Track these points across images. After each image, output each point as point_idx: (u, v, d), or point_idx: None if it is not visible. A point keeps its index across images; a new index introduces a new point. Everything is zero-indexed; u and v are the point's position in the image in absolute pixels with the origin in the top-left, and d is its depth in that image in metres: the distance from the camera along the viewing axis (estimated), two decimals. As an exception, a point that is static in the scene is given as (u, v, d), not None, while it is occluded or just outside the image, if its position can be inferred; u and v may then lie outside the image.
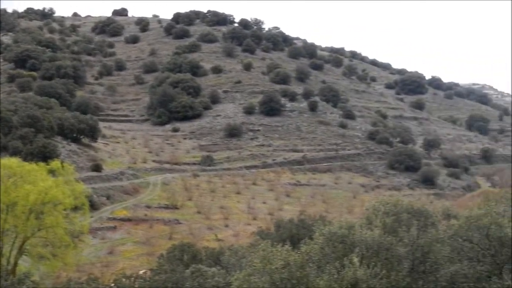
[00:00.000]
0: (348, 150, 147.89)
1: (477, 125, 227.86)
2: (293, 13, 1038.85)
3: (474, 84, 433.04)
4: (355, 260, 19.44)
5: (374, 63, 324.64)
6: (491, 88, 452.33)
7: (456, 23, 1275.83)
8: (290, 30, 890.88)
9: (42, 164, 52.22)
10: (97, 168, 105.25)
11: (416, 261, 21.38)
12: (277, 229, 46.32)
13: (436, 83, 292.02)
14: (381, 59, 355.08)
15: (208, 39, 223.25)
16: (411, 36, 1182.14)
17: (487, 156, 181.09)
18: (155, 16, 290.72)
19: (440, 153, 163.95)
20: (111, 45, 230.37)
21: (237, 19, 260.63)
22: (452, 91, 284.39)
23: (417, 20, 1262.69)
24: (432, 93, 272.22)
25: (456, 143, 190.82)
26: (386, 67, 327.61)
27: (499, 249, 21.95)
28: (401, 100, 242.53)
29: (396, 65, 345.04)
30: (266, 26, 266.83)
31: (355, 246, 20.40)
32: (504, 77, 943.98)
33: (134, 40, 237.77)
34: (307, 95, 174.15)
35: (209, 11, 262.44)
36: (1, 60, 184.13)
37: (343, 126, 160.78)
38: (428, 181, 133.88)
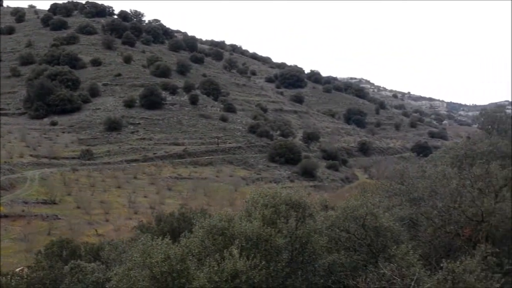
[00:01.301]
0: (230, 143, 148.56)
1: (354, 118, 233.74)
2: (174, 6, 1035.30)
3: (351, 79, 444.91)
4: (235, 252, 19.55)
5: (254, 57, 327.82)
6: (367, 82, 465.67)
7: (332, 20, 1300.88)
8: (171, 23, 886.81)
9: None
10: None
11: (295, 251, 21.71)
12: (158, 223, 45.96)
13: (315, 77, 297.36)
14: (261, 53, 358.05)
15: (87, 31, 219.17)
16: (292, 30, 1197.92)
17: (364, 149, 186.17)
18: (31, 6, 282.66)
19: (319, 146, 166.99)
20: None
21: (116, 11, 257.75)
22: (330, 85, 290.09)
23: (296, 15, 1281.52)
24: (311, 87, 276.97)
25: (334, 136, 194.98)
26: (266, 61, 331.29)
27: (375, 238, 22.54)
28: (281, 93, 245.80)
29: (276, 59, 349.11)
30: (146, 19, 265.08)
31: (234, 238, 20.53)
32: (381, 72, 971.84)
33: (9, 31, 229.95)
34: (188, 88, 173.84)
35: (87, 2, 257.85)
36: None
37: (224, 119, 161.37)
38: (308, 174, 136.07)
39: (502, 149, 37.26)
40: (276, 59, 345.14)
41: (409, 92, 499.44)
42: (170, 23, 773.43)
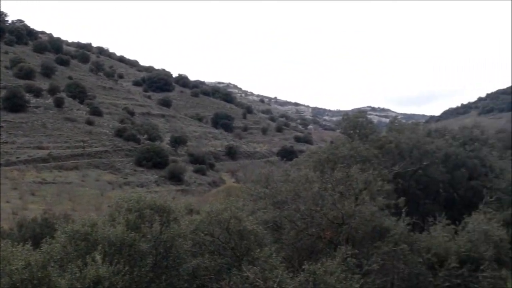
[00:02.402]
0: (96, 147, 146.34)
1: (222, 122, 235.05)
2: (39, 6, 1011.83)
3: (219, 83, 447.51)
4: (98, 257, 19.31)
5: (121, 59, 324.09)
6: (235, 87, 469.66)
7: (202, 23, 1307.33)
8: (36, 23, 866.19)
9: None
10: None
11: (159, 256, 21.64)
12: (20, 229, 44.95)
13: (183, 81, 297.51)
14: (129, 56, 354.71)
15: None
16: (161, 33, 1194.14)
17: (231, 153, 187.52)
18: None
19: (186, 150, 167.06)
20: None
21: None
22: (198, 89, 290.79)
23: (166, 17, 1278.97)
24: (179, 91, 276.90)
25: (202, 140, 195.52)
26: (133, 64, 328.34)
27: (239, 242, 22.78)
28: (149, 97, 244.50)
29: (143, 62, 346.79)
30: (10, 19, 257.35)
31: (98, 244, 20.26)
32: (248, 77, 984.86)
33: None
34: (53, 91, 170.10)
35: None
36: None
37: (90, 123, 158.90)
38: (175, 178, 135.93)
39: (363, 153, 38.33)
40: (143, 62, 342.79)
41: (275, 97, 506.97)
42: (35, 24, 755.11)
